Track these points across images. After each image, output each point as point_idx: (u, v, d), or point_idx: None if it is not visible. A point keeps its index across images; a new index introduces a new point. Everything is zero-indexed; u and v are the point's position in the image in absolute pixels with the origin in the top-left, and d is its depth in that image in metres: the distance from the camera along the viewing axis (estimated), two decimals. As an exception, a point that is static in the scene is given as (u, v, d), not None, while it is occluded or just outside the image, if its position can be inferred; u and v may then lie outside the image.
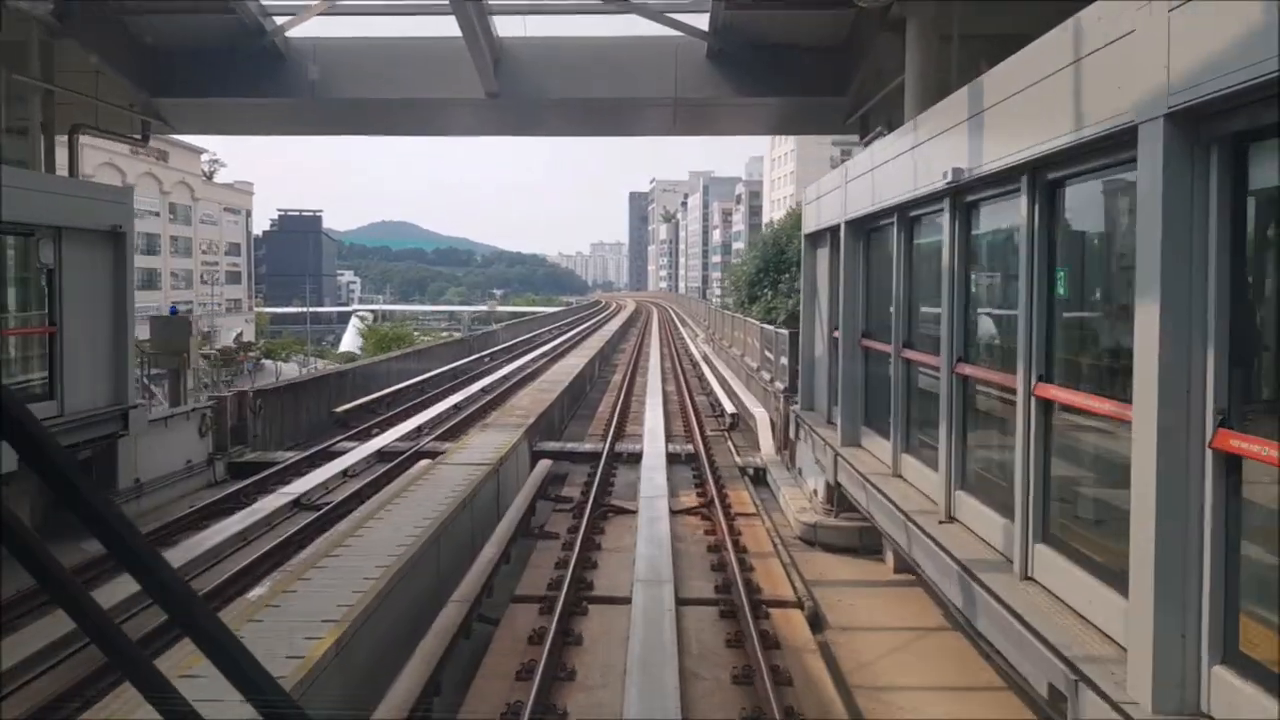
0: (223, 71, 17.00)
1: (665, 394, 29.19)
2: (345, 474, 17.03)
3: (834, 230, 12.36)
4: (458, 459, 14.99)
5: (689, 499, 15.68)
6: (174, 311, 21.68)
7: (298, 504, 14.67)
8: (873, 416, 10.71)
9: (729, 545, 12.43)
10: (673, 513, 14.23)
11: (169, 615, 1.09)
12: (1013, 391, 6.36)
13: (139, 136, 18.20)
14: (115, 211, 14.10)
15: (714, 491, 15.46)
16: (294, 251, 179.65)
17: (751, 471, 18.24)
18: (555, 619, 9.57)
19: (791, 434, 14.89)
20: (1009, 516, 6.51)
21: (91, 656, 8.49)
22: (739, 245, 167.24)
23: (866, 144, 16.91)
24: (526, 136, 23.52)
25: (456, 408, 25.70)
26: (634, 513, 14.22)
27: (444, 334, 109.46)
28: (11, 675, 8.17)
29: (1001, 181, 6.68)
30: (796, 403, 17.65)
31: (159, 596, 1.09)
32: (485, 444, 16.35)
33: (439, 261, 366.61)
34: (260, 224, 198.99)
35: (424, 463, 15.83)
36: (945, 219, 7.74)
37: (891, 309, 9.52)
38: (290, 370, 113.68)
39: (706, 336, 46.68)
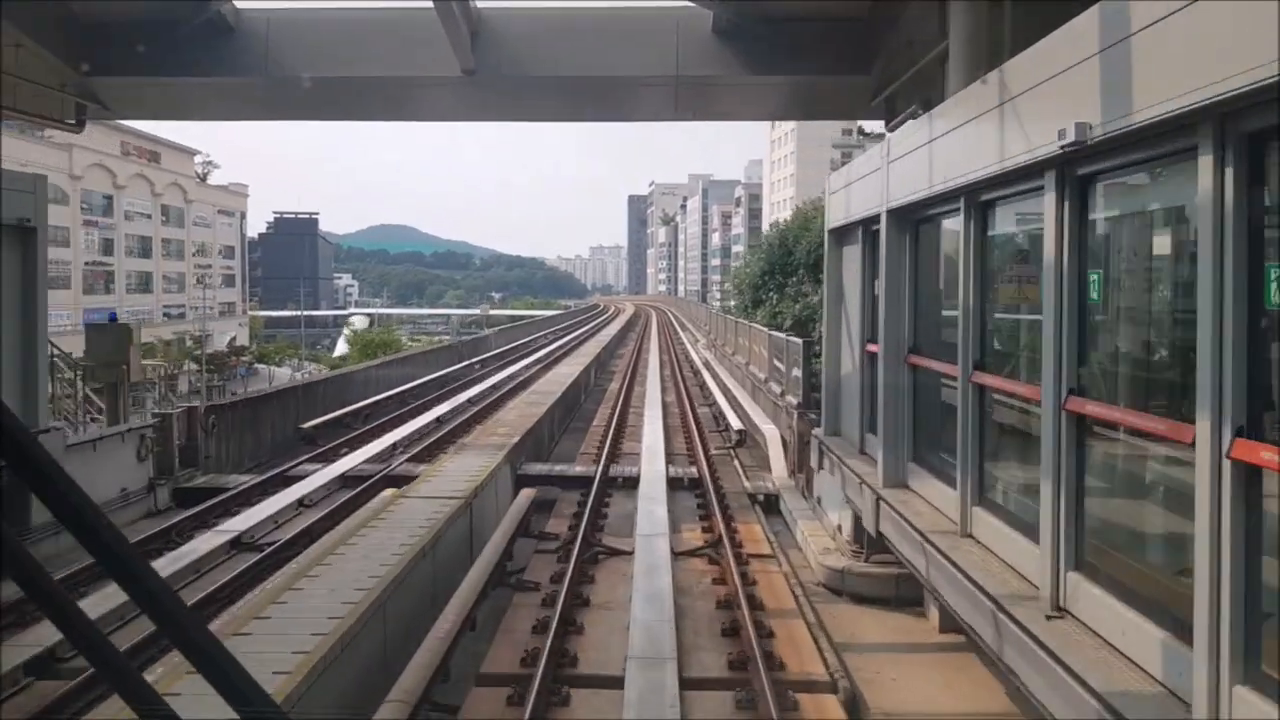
0: (164, 47, 14.89)
1: (665, 405, 27.10)
2: (301, 504, 14.91)
3: (868, 223, 10.28)
4: (425, 490, 12.89)
5: (693, 536, 13.56)
6: (112, 318, 19.56)
7: (236, 544, 12.54)
8: (925, 452, 8.61)
9: (742, 600, 10.33)
10: (675, 555, 12.12)
11: (158, 626, 1.08)
12: (1186, 445, 4.26)
13: (72, 121, 16.04)
14: (22, 203, 11.98)
15: (721, 526, 13.35)
16: (290, 254, 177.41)
17: (762, 498, 16.15)
18: (528, 712, 7.50)
19: (813, 461, 12.79)
20: (1173, 627, 4.42)
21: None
22: (739, 248, 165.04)
23: (893, 128, 14.82)
24: (508, 121, 21.28)
25: (439, 421, 23.60)
26: (630, 554, 12.13)
27: (437, 339, 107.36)
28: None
29: (1156, 139, 4.59)
30: (814, 419, 15.60)
31: (148, 607, 1.06)
32: (460, 470, 14.25)
33: (437, 265, 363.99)
34: (257, 226, 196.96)
35: (387, 493, 13.71)
36: (1050, 199, 5.64)
37: (956, 320, 7.42)
38: (284, 375, 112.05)
39: (708, 342, 44.61)
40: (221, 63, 15.16)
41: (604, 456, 18.28)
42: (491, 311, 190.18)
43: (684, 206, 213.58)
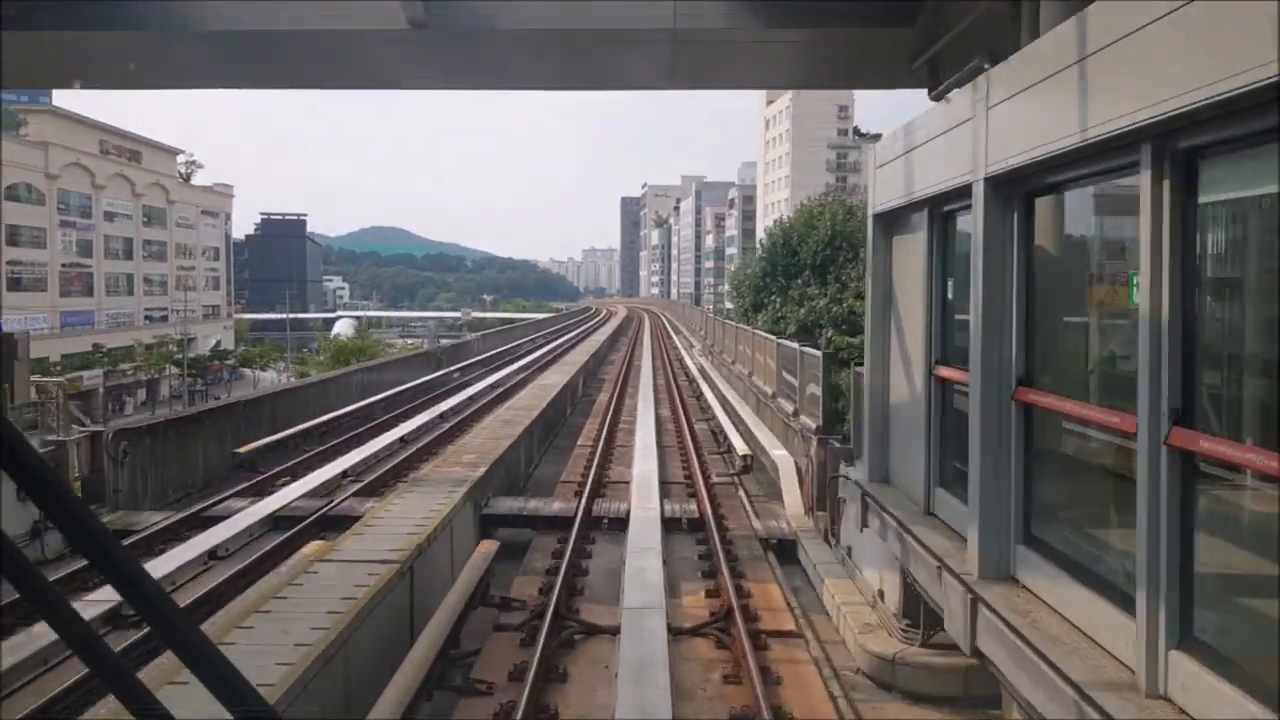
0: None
1: (659, 419, 24.32)
2: (212, 555, 12.06)
3: (940, 201, 7.50)
4: (355, 548, 10.03)
5: (695, 602, 10.74)
6: (-5, 327, 16.66)
7: (114, 619, 9.71)
8: (1050, 536, 5.80)
9: (765, 711, 7.55)
10: (673, 634, 9.33)
11: (151, 627, 1.08)
12: None
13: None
14: None
15: (730, 590, 10.51)
16: (278, 256, 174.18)
17: (776, 543, 13.35)
18: None
19: (853, 516, 9.97)
20: None
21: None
22: (732, 250, 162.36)
23: (940, 95, 12.00)
24: (469, 89, 18.43)
25: (403, 441, 20.77)
26: (614, 633, 9.33)
27: (414, 343, 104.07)
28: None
29: None
30: (839, 446, 12.82)
31: (141, 609, 1.06)
32: (408, 514, 11.41)
33: (429, 267, 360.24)
34: (244, 228, 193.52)
35: (307, 550, 10.88)
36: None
37: (1122, 342, 4.63)
38: (269, 379, 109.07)
39: (704, 348, 41.82)
40: (120, 14, 12.31)
41: (588, 487, 15.47)
42: (481, 314, 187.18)
43: (677, 208, 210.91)
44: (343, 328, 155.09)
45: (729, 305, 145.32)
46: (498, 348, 48.16)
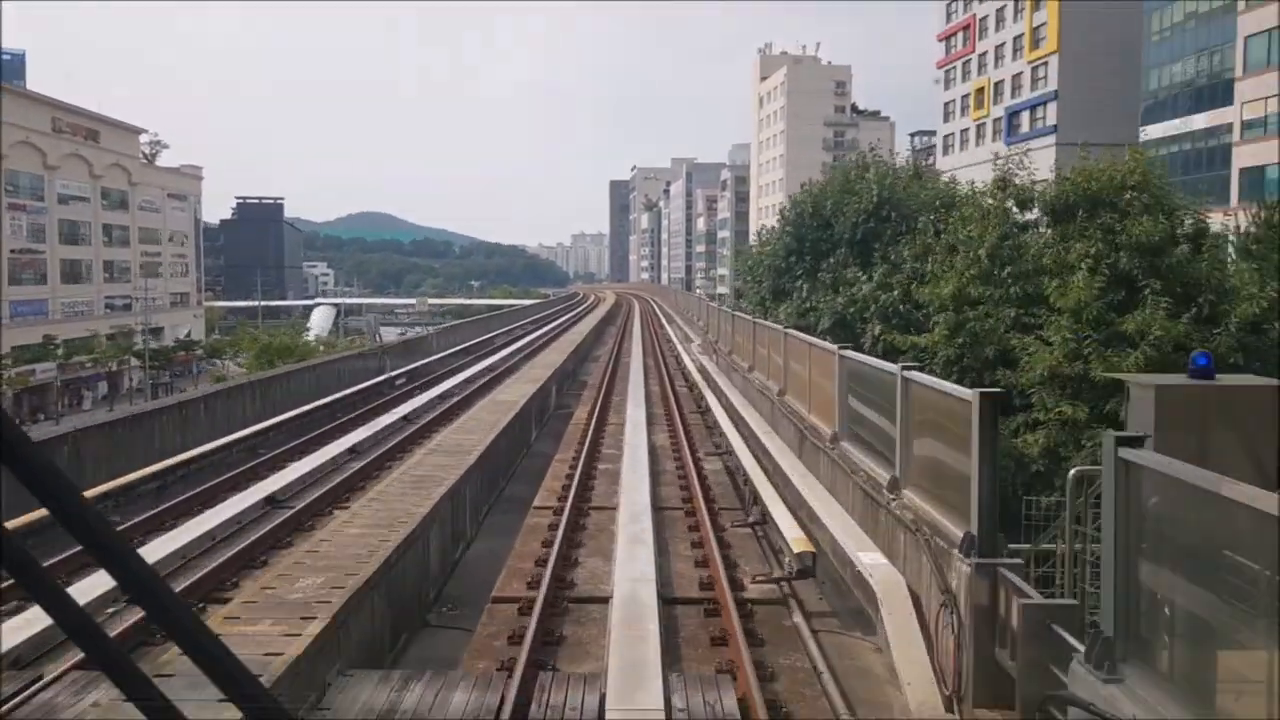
0: None
1: (654, 454, 17.18)
2: None
3: None
4: None
5: None
6: None
7: None
8: None
9: None
10: None
11: (148, 614, 1.07)
12: None
13: None
14: None
15: None
16: (255, 242, 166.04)
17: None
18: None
19: None
20: None
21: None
22: (724, 233, 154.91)
23: None
24: None
25: (238, 523, 13.41)
26: None
27: (401, 332, 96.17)
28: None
29: None
30: (1017, 580, 5.83)
31: (137, 595, 1.05)
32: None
33: (416, 253, 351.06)
34: (222, 213, 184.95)
35: None
36: None
37: None
38: (240, 371, 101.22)
39: (704, 344, 34.61)
40: None
41: (531, 634, 8.29)
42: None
43: (667, 191, 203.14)
44: (319, 316, 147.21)
45: (724, 290, 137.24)
46: (463, 342, 40.82)
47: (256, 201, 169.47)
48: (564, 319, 67.76)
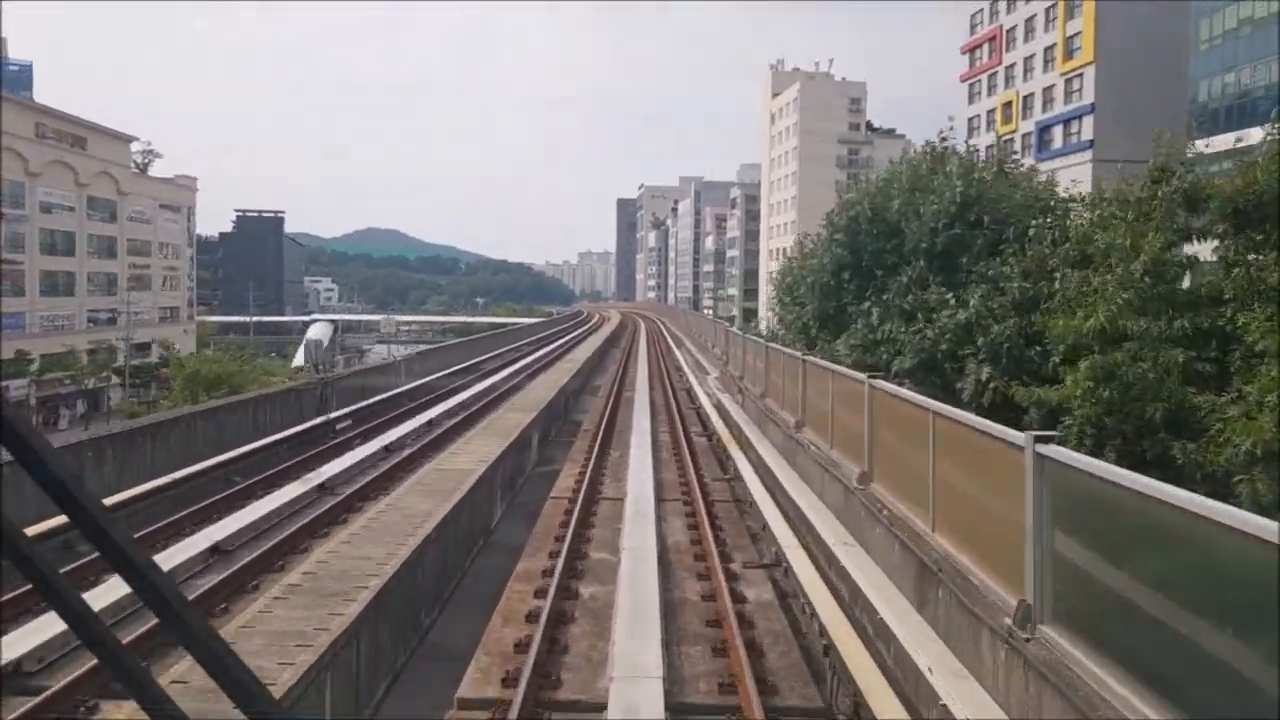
0: None
1: (666, 557, 11.42)
2: None
3: None
4: None
5: None
6: None
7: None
8: None
9: None
10: None
11: (161, 621, 1.05)
12: None
13: None
14: None
15: None
16: (254, 256, 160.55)
17: None
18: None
19: None
20: None
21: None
22: (734, 252, 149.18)
23: None
24: None
25: None
26: None
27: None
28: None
29: None
30: None
31: (152, 602, 1.04)
32: None
33: (422, 269, 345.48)
34: (222, 226, 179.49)
35: None
36: None
37: None
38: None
39: (723, 377, 28.75)
40: None
41: None
42: (469, 319, 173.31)
43: (675, 210, 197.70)
44: (316, 332, 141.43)
45: (734, 312, 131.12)
46: (441, 369, 34.94)
47: (256, 215, 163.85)
48: (563, 340, 61.93)
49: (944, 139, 20.76)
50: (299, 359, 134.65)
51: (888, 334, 16.61)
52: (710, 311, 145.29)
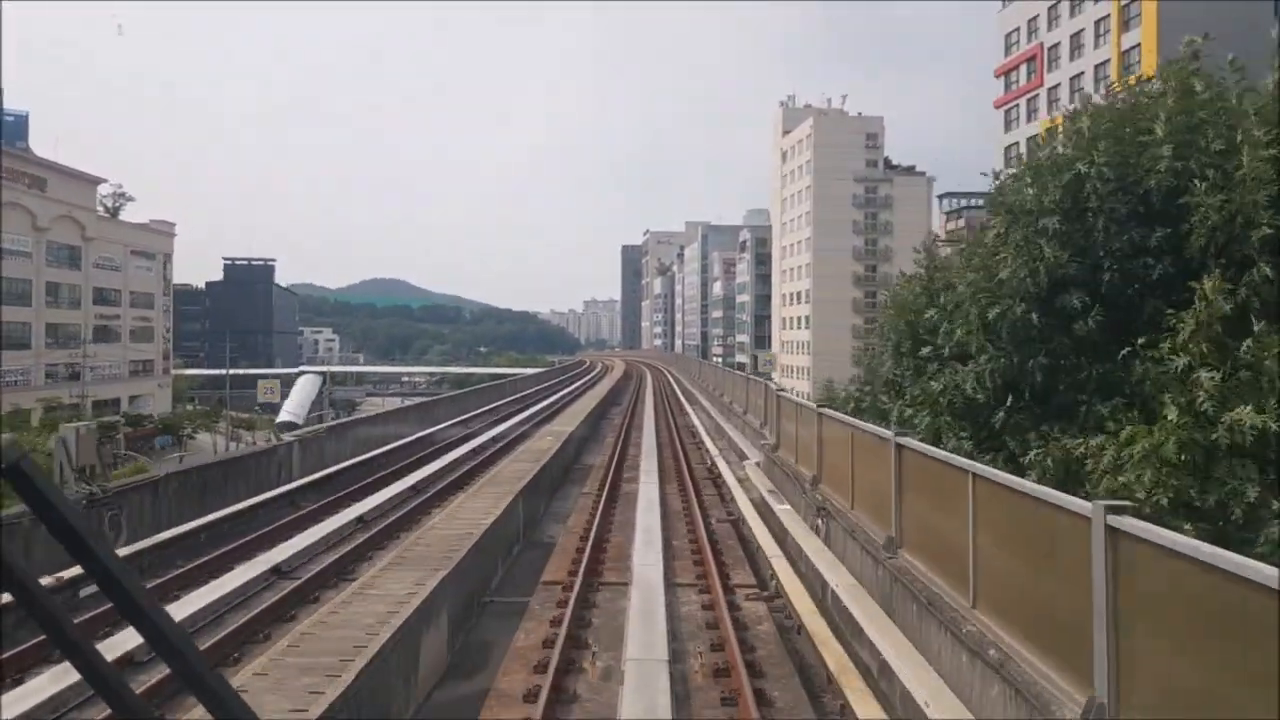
0: None
1: None
2: None
3: None
4: None
5: None
6: None
7: None
8: None
9: None
10: None
11: (171, 669, 1.05)
12: None
13: None
14: None
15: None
16: (243, 305, 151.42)
17: None
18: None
19: None
20: None
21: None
22: (744, 298, 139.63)
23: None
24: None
25: None
26: None
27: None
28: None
29: None
30: None
31: (162, 650, 1.04)
32: None
33: (426, 318, 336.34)
34: (211, 275, 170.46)
35: None
36: None
37: None
38: (205, 445, 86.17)
39: (769, 463, 18.62)
40: None
41: None
42: (469, 370, 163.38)
43: (681, 255, 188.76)
44: (303, 386, 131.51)
45: (743, 359, 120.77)
46: (383, 444, 24.88)
47: (246, 263, 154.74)
48: (557, 396, 51.95)
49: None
50: (284, 414, 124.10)
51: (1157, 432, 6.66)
52: (719, 359, 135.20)
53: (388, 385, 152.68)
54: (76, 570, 11.67)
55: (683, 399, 52.29)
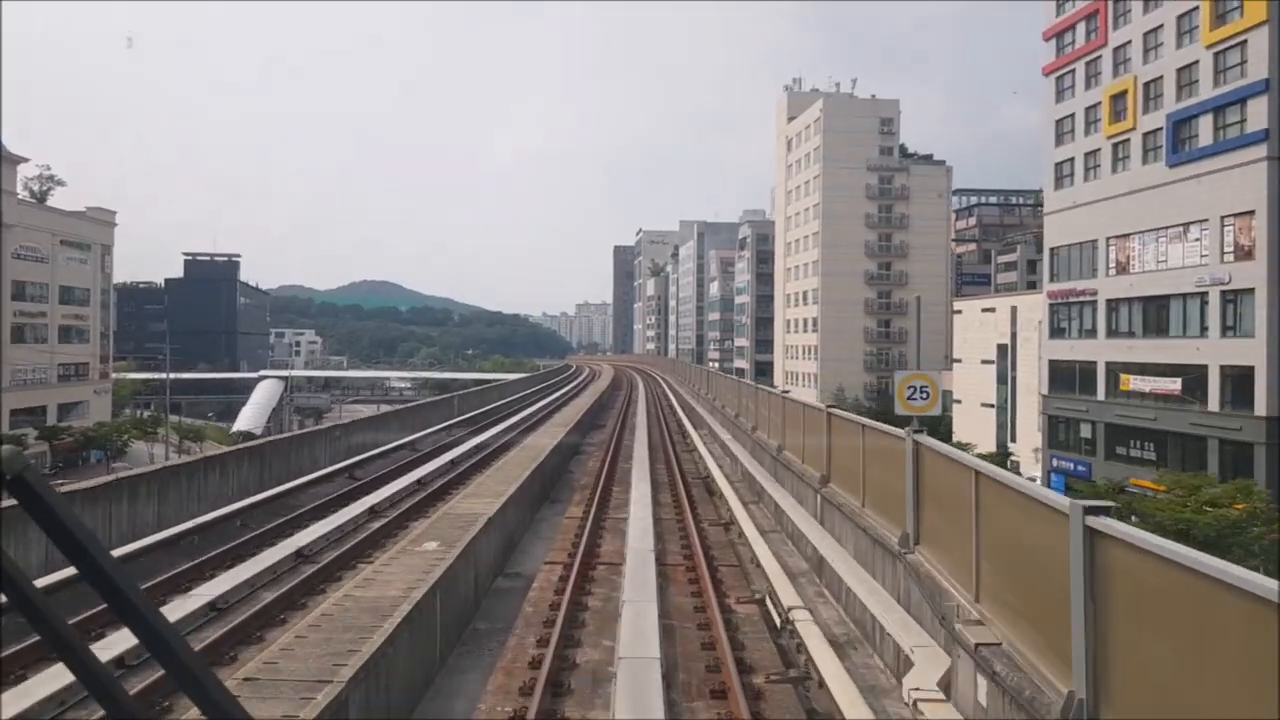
0: None
1: None
2: None
3: None
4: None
5: None
6: None
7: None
8: None
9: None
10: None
11: (167, 671, 1.04)
12: None
13: None
14: None
15: None
16: (206, 304, 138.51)
17: None
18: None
19: None
20: None
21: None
22: (743, 299, 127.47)
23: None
24: None
25: None
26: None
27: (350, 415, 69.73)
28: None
29: None
30: None
31: (157, 652, 1.02)
32: None
33: (414, 321, 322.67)
34: (172, 271, 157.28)
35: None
36: None
37: None
38: (142, 456, 75.08)
39: (816, 497, 6.35)
40: None
41: None
42: (453, 375, 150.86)
43: (675, 255, 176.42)
44: (264, 391, 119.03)
45: (744, 364, 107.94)
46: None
47: (209, 259, 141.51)
48: (535, 408, 39.54)
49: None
50: (241, 422, 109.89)
51: None
52: (715, 364, 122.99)
53: (365, 390, 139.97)
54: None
55: (683, 416, 39.61)
